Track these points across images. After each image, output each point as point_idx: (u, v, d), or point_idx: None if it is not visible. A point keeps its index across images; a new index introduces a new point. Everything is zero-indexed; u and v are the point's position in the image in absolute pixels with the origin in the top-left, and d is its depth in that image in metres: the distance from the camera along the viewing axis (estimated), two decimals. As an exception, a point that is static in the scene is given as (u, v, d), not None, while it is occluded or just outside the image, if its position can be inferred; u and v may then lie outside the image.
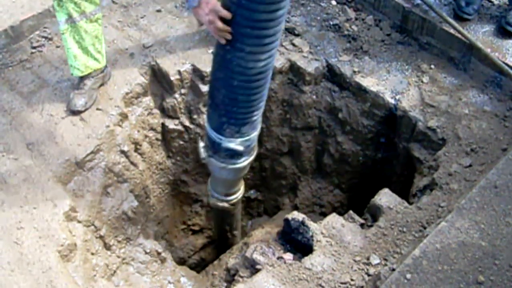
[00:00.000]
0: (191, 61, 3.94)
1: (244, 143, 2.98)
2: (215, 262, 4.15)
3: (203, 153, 3.17)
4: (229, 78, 2.60)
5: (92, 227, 3.36)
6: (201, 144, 3.19)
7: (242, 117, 2.82)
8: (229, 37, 2.41)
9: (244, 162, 3.14)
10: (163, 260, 3.73)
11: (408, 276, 2.65)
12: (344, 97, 4.07)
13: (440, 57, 3.97)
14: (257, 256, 3.21)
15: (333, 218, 3.21)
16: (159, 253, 3.71)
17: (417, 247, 2.76)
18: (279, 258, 3.20)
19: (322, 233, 3.12)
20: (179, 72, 3.91)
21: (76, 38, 3.38)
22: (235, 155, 3.05)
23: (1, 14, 3.95)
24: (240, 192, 3.67)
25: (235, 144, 2.95)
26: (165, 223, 4.57)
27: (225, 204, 3.63)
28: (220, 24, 2.38)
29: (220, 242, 4.38)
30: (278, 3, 2.29)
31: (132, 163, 3.80)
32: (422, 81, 3.84)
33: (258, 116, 2.92)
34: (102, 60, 3.59)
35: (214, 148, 3.05)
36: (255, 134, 3.01)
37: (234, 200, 3.65)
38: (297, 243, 3.28)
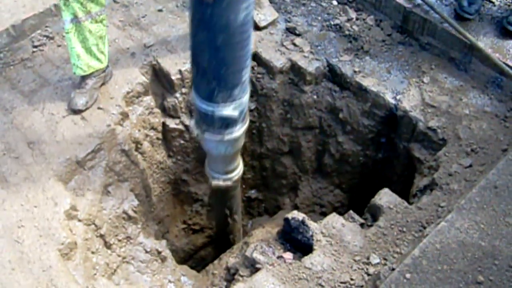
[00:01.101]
0: (192, 60, 3.94)
1: (238, 108, 2.88)
2: (215, 261, 4.14)
3: (195, 129, 3.08)
4: (212, 37, 2.51)
5: (93, 226, 3.36)
6: (192, 122, 3.11)
7: (232, 78, 2.72)
8: None
9: (240, 130, 3.04)
10: (163, 259, 3.73)
11: (408, 275, 2.65)
12: (345, 97, 4.07)
13: (441, 58, 3.97)
14: (257, 255, 3.21)
15: (333, 218, 3.22)
16: (159, 252, 3.72)
17: (417, 247, 2.77)
18: (279, 257, 3.20)
19: (322, 232, 3.13)
20: (180, 72, 3.92)
21: (80, 38, 3.39)
22: (230, 123, 2.95)
23: (3, 13, 3.95)
24: (240, 168, 3.56)
25: (229, 110, 2.85)
26: (166, 222, 4.58)
27: (228, 183, 3.51)
28: None
29: (220, 229, 4.26)
30: None
31: (132, 162, 3.80)
32: (422, 82, 3.84)
33: (247, 76, 2.82)
34: (104, 61, 3.60)
35: (207, 120, 2.94)
36: (246, 97, 2.91)
37: (236, 177, 3.54)
38: (297, 243, 3.28)
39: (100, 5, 3.36)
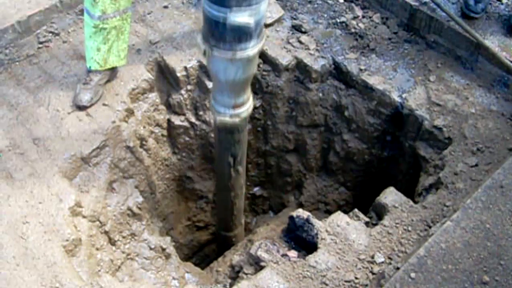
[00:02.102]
0: (197, 57, 3.94)
1: (254, 16, 2.54)
2: (220, 259, 4.15)
3: (202, 45, 2.74)
4: None
5: (97, 222, 3.37)
6: (199, 37, 2.79)
7: None
8: None
9: (255, 48, 2.70)
10: (167, 256, 3.73)
11: (413, 275, 2.64)
12: (351, 95, 4.06)
13: (447, 56, 3.96)
14: (261, 253, 3.21)
15: (338, 216, 3.21)
16: (163, 249, 3.72)
17: (422, 246, 2.76)
18: (284, 255, 3.20)
19: (327, 231, 3.12)
20: (186, 69, 3.92)
21: (105, 34, 3.40)
22: (243, 36, 2.61)
23: (8, 9, 3.95)
24: (249, 104, 3.16)
25: (244, 17, 2.51)
26: (170, 219, 4.58)
27: (235, 120, 3.13)
28: None
29: (221, 184, 3.81)
30: None
31: (137, 159, 3.80)
32: (428, 80, 3.83)
33: None
34: (123, 58, 3.61)
35: (217, 32, 2.61)
36: (264, 5, 2.58)
37: (245, 114, 3.15)
38: (301, 241, 3.28)
39: (128, 2, 3.38)
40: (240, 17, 2.50)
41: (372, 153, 4.24)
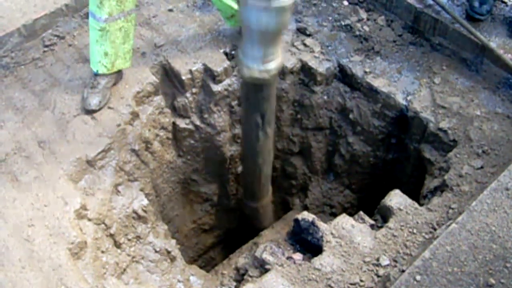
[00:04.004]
0: (202, 60, 3.95)
1: None
2: (225, 261, 4.15)
3: None
4: None
5: (103, 225, 3.37)
6: None
7: None
8: None
9: None
10: (172, 259, 3.73)
11: (418, 277, 2.64)
12: (355, 97, 4.06)
13: (452, 58, 3.95)
14: (266, 256, 3.21)
15: (343, 219, 3.21)
16: (169, 252, 3.72)
17: (427, 248, 2.76)
18: (289, 258, 3.20)
19: (332, 233, 3.12)
20: (191, 72, 3.92)
21: (112, 37, 3.41)
22: None
23: (14, 13, 3.97)
24: (279, 62, 3.04)
25: None
26: (175, 222, 4.58)
27: (265, 75, 3.00)
28: None
29: (248, 148, 3.67)
30: None
31: (143, 162, 3.81)
32: (433, 82, 3.82)
33: None
34: (128, 60, 3.62)
35: None
36: None
37: (274, 71, 3.02)
38: (306, 243, 3.28)
39: (133, 4, 3.40)
40: None
41: (377, 156, 4.24)
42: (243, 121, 3.66)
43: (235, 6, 3.80)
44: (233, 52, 4.02)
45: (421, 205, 3.28)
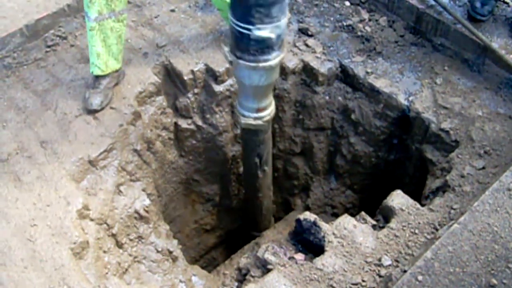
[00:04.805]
0: (204, 61, 3.95)
1: (275, 30, 2.80)
2: (227, 262, 4.15)
3: (229, 56, 3.01)
4: None
5: (105, 225, 3.38)
6: (226, 49, 3.04)
7: None
8: None
9: (276, 58, 2.95)
10: (174, 259, 3.74)
11: (420, 278, 2.64)
12: (357, 98, 4.06)
13: (454, 59, 3.95)
14: (268, 256, 3.21)
15: (345, 219, 3.21)
16: (170, 252, 3.72)
17: (429, 249, 2.76)
18: (291, 258, 3.20)
19: (333, 233, 3.12)
20: (192, 72, 3.92)
21: (102, 36, 3.42)
22: (266, 48, 2.88)
23: (16, 13, 3.98)
24: (271, 109, 3.43)
25: (266, 32, 2.78)
26: (177, 222, 4.59)
27: (259, 122, 3.39)
28: None
29: (249, 185, 4.11)
30: None
31: (144, 162, 3.81)
32: (435, 83, 3.82)
33: None
34: (120, 61, 3.62)
35: (243, 44, 2.88)
36: (284, 20, 2.84)
37: (267, 117, 3.41)
38: (308, 244, 3.28)
39: (124, 4, 3.40)
40: (262, 32, 2.77)
41: (379, 156, 4.24)
42: (243, 161, 4.12)
43: None
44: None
45: (423, 205, 3.28)
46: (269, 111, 3.41)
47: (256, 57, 2.90)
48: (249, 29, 2.77)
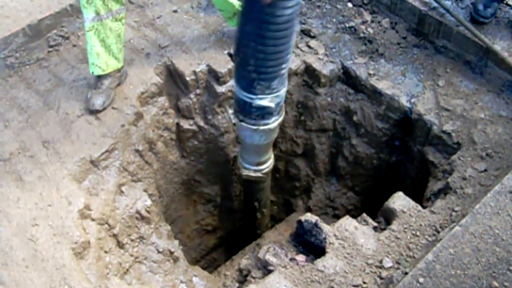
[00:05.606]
0: (206, 61, 3.95)
1: (274, 100, 3.09)
2: (228, 263, 4.16)
3: (233, 118, 3.34)
4: (258, 30, 2.74)
5: (106, 225, 3.38)
6: (230, 111, 3.36)
7: (272, 70, 2.92)
8: None
9: (275, 122, 3.28)
10: (175, 260, 3.74)
11: (421, 280, 2.64)
12: (359, 99, 4.06)
13: (456, 61, 3.95)
14: (269, 257, 3.21)
15: (346, 221, 3.21)
16: (171, 253, 3.72)
17: (431, 251, 2.75)
18: (292, 259, 3.20)
19: (335, 235, 3.12)
20: (195, 73, 3.93)
21: (101, 36, 3.42)
22: (266, 114, 3.18)
23: (19, 13, 3.98)
24: (271, 162, 3.79)
25: (266, 101, 3.06)
26: (178, 222, 4.59)
27: (259, 174, 3.76)
28: None
29: (248, 223, 4.50)
30: None
31: (146, 162, 3.82)
32: (437, 85, 3.82)
33: (286, 69, 3.02)
34: (121, 60, 3.62)
35: (245, 110, 3.17)
36: (283, 90, 3.12)
37: (266, 170, 3.78)
38: (310, 245, 3.28)
39: (120, 3, 3.40)
40: (263, 101, 3.08)
41: (380, 158, 4.24)
42: (243, 204, 4.51)
43: (237, 3, 3.80)
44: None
45: (424, 207, 3.27)
46: (268, 164, 3.78)
47: (257, 121, 3.24)
48: (251, 98, 3.07)
